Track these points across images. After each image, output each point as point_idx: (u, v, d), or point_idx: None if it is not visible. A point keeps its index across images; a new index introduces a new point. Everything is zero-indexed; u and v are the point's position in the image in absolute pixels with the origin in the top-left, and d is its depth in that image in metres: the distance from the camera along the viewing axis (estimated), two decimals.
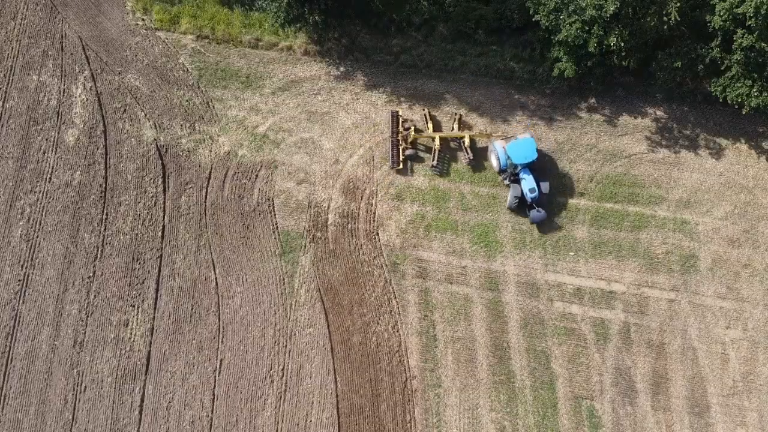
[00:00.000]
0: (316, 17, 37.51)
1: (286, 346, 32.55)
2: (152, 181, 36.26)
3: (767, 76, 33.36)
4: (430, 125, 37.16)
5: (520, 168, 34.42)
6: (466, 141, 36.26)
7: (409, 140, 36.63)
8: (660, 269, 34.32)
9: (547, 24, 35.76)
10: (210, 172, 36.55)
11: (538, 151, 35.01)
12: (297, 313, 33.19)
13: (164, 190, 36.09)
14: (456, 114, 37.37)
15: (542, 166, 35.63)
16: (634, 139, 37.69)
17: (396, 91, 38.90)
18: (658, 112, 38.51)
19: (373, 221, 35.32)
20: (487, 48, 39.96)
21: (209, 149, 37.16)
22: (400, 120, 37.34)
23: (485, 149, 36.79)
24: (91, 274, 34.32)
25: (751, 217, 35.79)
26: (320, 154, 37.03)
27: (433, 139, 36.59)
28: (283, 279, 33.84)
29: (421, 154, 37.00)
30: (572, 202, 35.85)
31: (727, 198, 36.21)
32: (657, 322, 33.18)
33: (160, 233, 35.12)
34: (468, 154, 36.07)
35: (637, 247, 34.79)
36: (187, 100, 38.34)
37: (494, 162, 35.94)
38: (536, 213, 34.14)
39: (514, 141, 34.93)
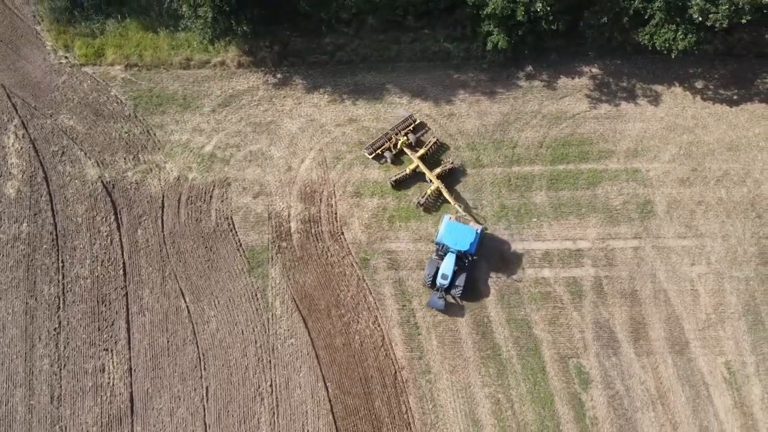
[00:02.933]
0: (245, 28, 37.03)
1: (270, 361, 32.09)
2: (104, 219, 35.19)
3: (689, 18, 34.50)
4: (421, 151, 35.60)
5: (449, 251, 32.34)
6: (432, 188, 34.67)
7: (397, 146, 35.94)
8: (620, 220, 35.22)
9: (473, 0, 36.18)
10: (162, 200, 35.69)
11: (479, 242, 32.57)
12: (276, 326, 32.76)
13: (118, 227, 35.08)
14: (451, 163, 35.61)
15: (472, 261, 32.92)
16: (575, 99, 38.51)
17: (337, 89, 38.73)
18: (594, 70, 39.43)
19: (336, 222, 35.12)
20: (420, 33, 40.20)
21: (158, 178, 36.27)
22: (408, 126, 36.48)
23: (447, 205, 35.00)
24: (56, 326, 33.10)
25: (697, 156, 37.05)
26: (272, 164, 36.59)
27: (411, 162, 35.44)
28: (256, 295, 33.35)
29: (398, 159, 36.35)
30: (526, 169, 36.42)
31: (671, 141, 37.39)
32: (626, 271, 34.03)
33: (121, 271, 34.12)
34: (423, 199, 34.56)
35: (596, 203, 35.60)
36: (126, 132, 37.31)
37: (438, 229, 33.38)
38: (436, 299, 32.02)
39: (457, 223, 32.64)
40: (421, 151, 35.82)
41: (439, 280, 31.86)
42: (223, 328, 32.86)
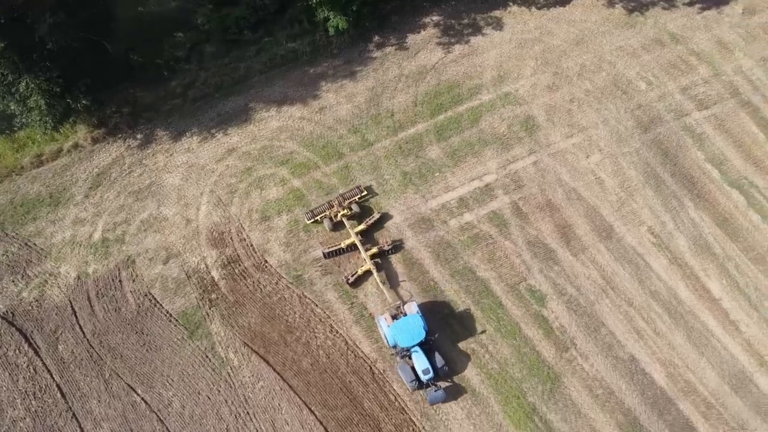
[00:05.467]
0: (84, 101, 35.17)
1: (248, 413, 30.97)
2: (17, 351, 32.33)
3: None
4: (360, 227, 33.47)
5: (411, 348, 30.64)
6: (364, 268, 32.73)
7: (337, 216, 33.84)
8: (512, 143, 36.74)
9: None
10: (72, 306, 33.27)
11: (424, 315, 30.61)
12: (239, 376, 31.61)
13: (36, 353, 32.36)
14: (388, 246, 33.20)
15: (431, 324, 31.05)
16: (428, 51, 39.57)
17: (203, 126, 37.56)
18: (434, 18, 40.62)
19: (255, 253, 34.23)
20: (261, 43, 39.78)
21: (57, 286, 33.75)
22: (354, 196, 34.32)
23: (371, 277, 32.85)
24: None
25: (553, 60, 39.24)
26: (169, 224, 35.01)
27: (348, 237, 33.26)
28: (207, 356, 31.97)
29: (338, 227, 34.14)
30: (411, 131, 37.10)
31: (526, 56, 39.34)
32: (535, 186, 35.61)
33: (59, 394, 31.55)
34: (353, 278, 32.59)
35: (484, 136, 36.90)
36: (2, 254, 34.34)
37: (382, 335, 31.47)
38: (434, 393, 29.92)
39: (398, 321, 30.22)
40: (360, 227, 33.72)
41: (424, 378, 29.96)
42: (188, 402, 31.30)
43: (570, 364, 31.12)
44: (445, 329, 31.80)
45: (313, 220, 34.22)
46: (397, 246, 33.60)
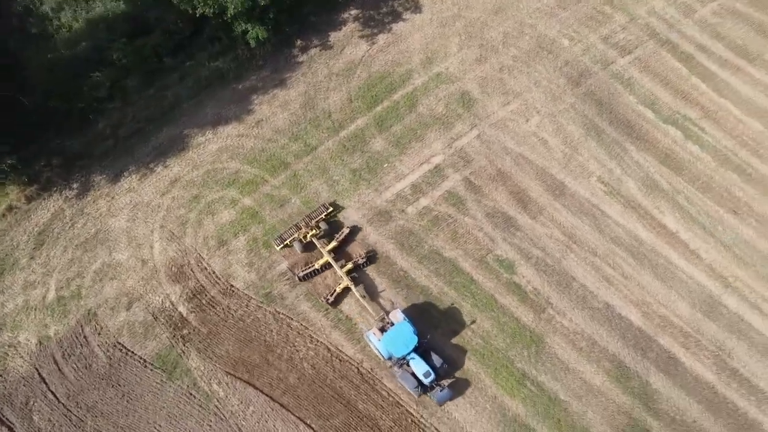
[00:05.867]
0: (9, 161, 33.63)
1: None
2: None
3: None
4: (332, 245, 32.87)
5: (406, 356, 29.91)
6: (341, 286, 32.14)
7: (307, 237, 32.99)
8: (452, 121, 36.98)
9: (212, 10, 35.45)
10: (39, 373, 31.80)
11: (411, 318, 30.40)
12: (228, 407, 30.88)
13: (11, 429, 30.80)
14: (362, 259, 32.68)
15: (419, 325, 30.50)
16: (353, 45, 39.40)
17: (141, 163, 36.42)
18: (353, 12, 40.46)
19: (220, 279, 33.46)
20: (183, 68, 38.83)
21: (19, 356, 32.19)
22: (320, 214, 33.42)
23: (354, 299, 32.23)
24: None
25: (476, 33, 39.65)
26: (125, 269, 33.84)
27: (321, 256, 32.69)
28: (190, 393, 31.10)
29: (308, 248, 33.28)
30: (352, 128, 36.90)
31: (449, 33, 39.60)
32: (483, 159, 35.96)
33: None
34: (332, 297, 32.06)
35: (424, 119, 37.02)
36: None
37: (374, 351, 30.97)
38: (440, 393, 29.77)
39: (388, 333, 29.73)
40: (332, 245, 32.97)
41: (427, 382, 29.58)
42: None
43: (550, 324, 31.62)
44: (430, 323, 31.65)
45: (283, 245, 33.47)
46: (371, 257, 33.22)
